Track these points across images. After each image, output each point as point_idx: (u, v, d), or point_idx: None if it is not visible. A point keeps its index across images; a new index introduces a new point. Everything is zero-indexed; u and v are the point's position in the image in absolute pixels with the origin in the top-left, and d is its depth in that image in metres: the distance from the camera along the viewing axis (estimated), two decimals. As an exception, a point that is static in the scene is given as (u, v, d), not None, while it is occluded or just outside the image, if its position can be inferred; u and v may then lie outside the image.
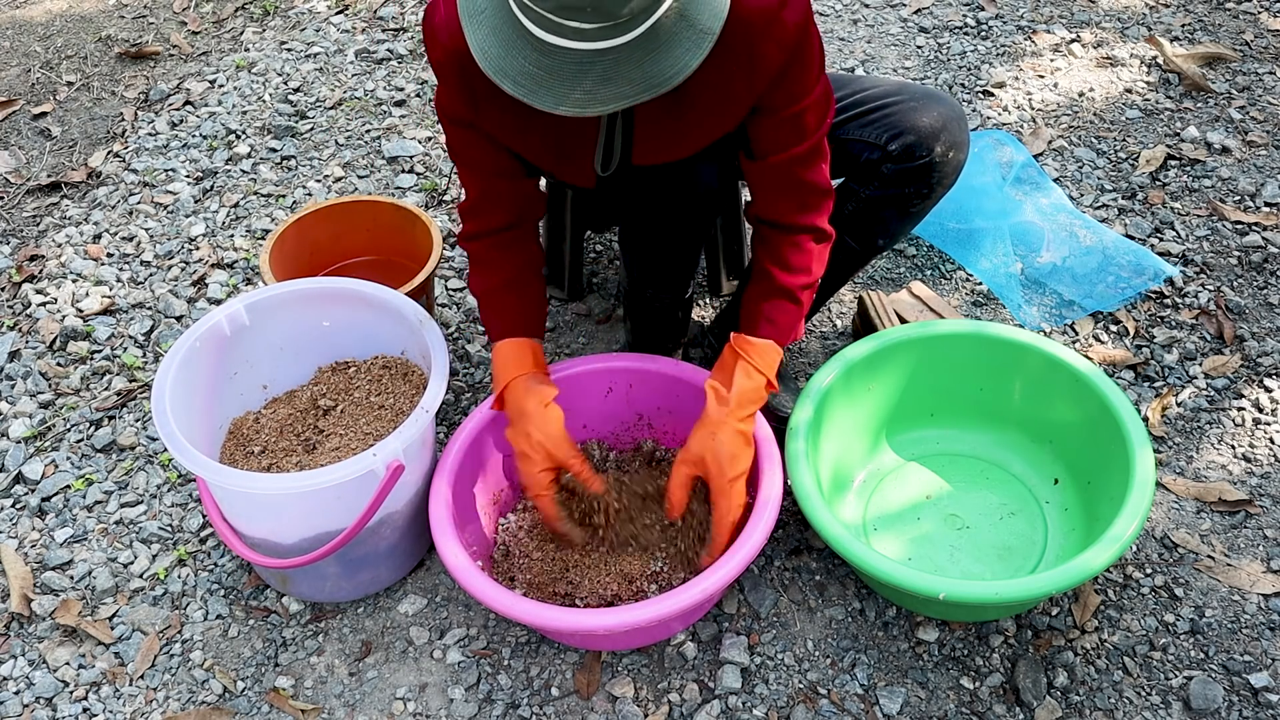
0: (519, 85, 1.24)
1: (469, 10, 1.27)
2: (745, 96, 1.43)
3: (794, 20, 1.37)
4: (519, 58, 1.23)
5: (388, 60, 2.94)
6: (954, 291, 2.22)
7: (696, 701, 1.61)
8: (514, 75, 1.24)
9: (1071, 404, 1.74)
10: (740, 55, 1.36)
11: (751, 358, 1.57)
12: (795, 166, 1.52)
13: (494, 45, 1.25)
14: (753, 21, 1.34)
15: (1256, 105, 2.60)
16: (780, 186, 1.55)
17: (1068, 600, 1.69)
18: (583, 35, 1.19)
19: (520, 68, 1.24)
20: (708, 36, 1.24)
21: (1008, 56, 2.82)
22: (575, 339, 2.17)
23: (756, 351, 1.57)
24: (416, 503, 1.70)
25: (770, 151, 1.51)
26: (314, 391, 1.90)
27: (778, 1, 1.35)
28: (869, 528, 1.78)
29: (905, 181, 1.69)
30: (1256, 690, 1.58)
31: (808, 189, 1.55)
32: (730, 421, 1.55)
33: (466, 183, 1.63)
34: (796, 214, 1.56)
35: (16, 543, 1.88)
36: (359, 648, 1.71)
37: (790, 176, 1.53)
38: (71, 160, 2.69)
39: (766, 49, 1.37)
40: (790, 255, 1.58)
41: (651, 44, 1.21)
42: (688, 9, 1.23)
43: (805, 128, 1.48)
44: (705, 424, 1.57)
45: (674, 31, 1.22)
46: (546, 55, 1.22)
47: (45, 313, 2.27)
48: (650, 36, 1.21)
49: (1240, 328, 2.10)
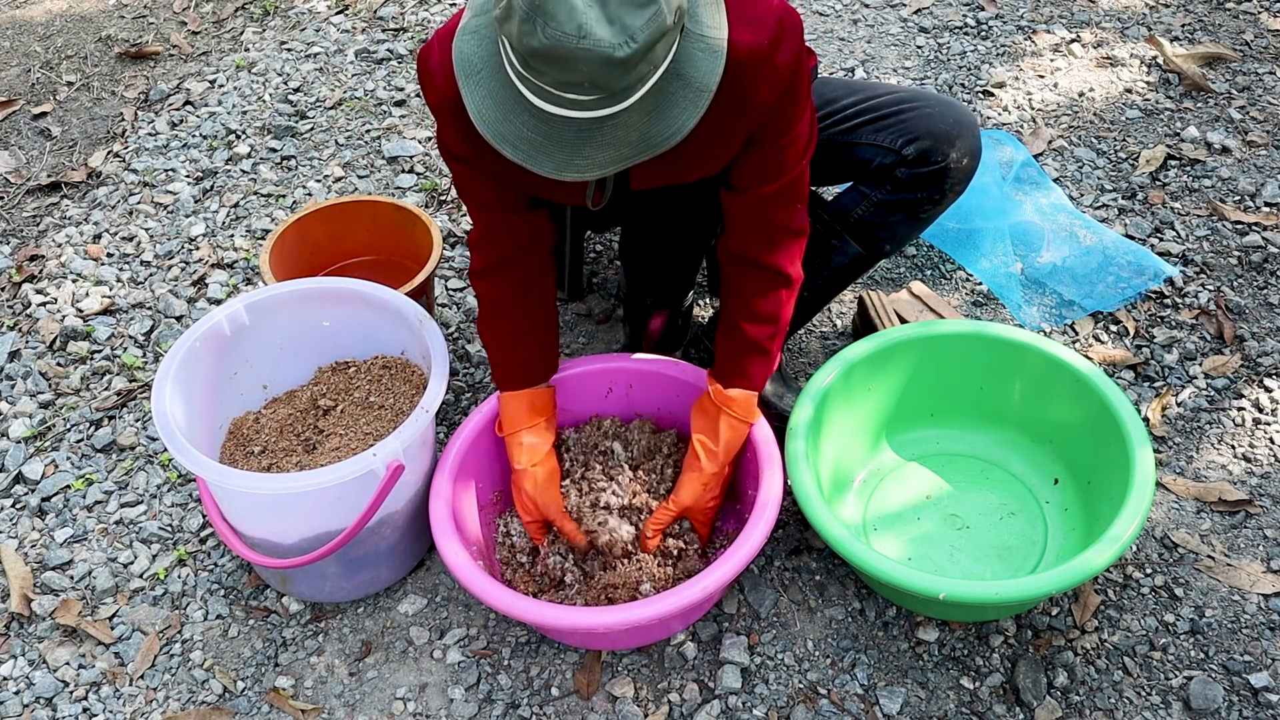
0: (518, 150, 1.24)
1: (465, 70, 1.26)
2: (738, 135, 1.43)
3: (785, 61, 1.37)
4: (517, 123, 1.23)
5: (388, 60, 2.94)
6: (954, 291, 2.22)
7: (696, 701, 1.61)
8: (513, 140, 1.24)
9: (1071, 404, 1.74)
10: (733, 97, 1.36)
11: (733, 410, 1.64)
12: (770, 203, 1.52)
13: (491, 110, 1.24)
14: (745, 64, 1.34)
15: (1256, 105, 2.60)
16: (753, 220, 1.55)
17: (1068, 600, 1.69)
18: (581, 106, 1.18)
19: (519, 133, 1.23)
20: (705, 94, 1.24)
21: (1008, 56, 2.82)
22: (575, 339, 2.17)
23: (734, 404, 1.64)
24: (416, 503, 1.70)
25: (749, 184, 1.51)
26: (314, 391, 1.90)
27: (769, 44, 1.34)
28: (869, 528, 1.78)
29: (918, 186, 1.70)
30: (1256, 690, 1.58)
31: (780, 228, 1.55)
32: (720, 474, 1.65)
33: (474, 216, 1.62)
34: (766, 252, 1.56)
35: (16, 543, 1.88)
36: (359, 648, 1.71)
37: (764, 212, 1.53)
38: (71, 160, 2.69)
39: (759, 90, 1.37)
40: (757, 304, 1.60)
41: (650, 106, 1.22)
42: (685, 68, 1.23)
43: (785, 163, 1.48)
44: (698, 477, 1.65)
45: (671, 92, 1.23)
46: (545, 123, 1.22)
47: (45, 313, 2.27)
48: (649, 99, 1.21)
49: (1240, 328, 2.10)
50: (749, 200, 1.52)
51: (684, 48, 1.24)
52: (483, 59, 1.25)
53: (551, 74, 1.15)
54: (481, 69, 1.25)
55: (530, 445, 1.67)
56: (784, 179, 1.50)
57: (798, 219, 1.56)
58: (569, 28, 1.11)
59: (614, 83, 1.15)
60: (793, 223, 1.55)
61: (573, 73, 1.14)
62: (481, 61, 1.25)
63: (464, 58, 1.27)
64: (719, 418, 1.64)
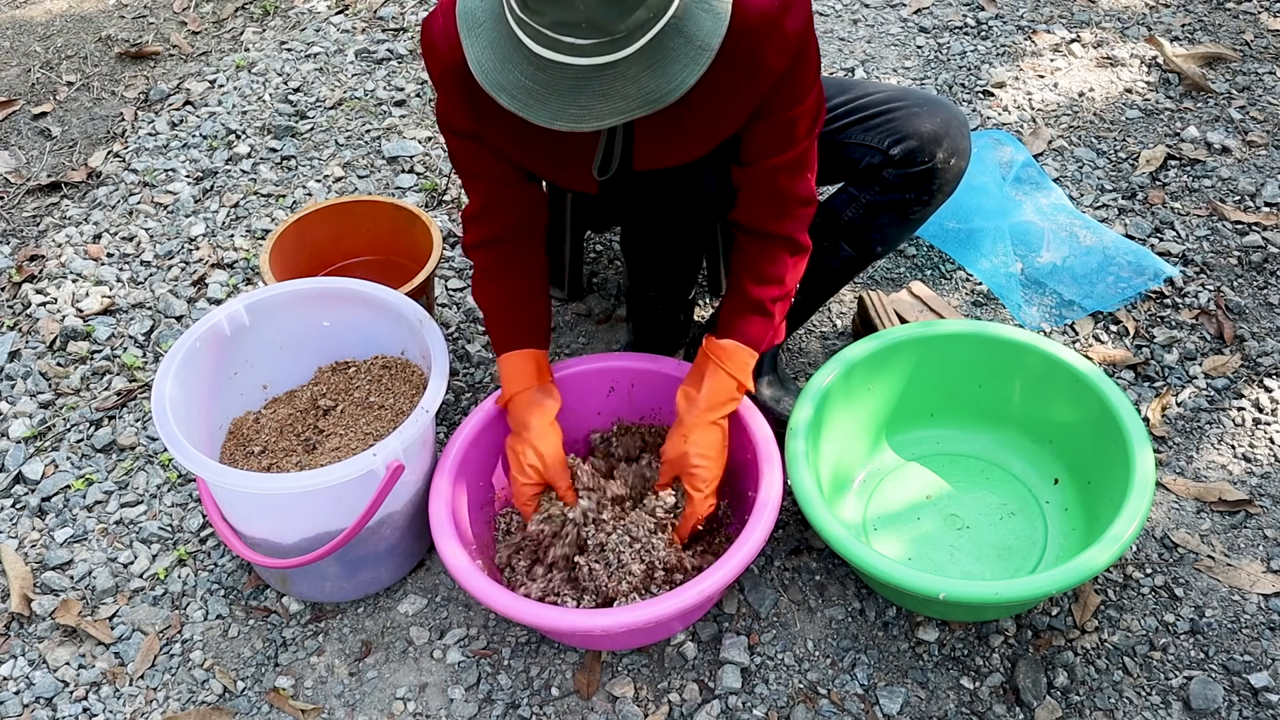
0: (515, 99, 1.24)
1: (468, 23, 1.27)
2: (747, 102, 1.43)
3: (795, 27, 1.37)
4: (515, 72, 1.23)
5: (388, 60, 2.94)
6: (954, 291, 2.22)
7: (696, 701, 1.61)
8: (510, 89, 1.24)
9: (1071, 404, 1.74)
10: (742, 62, 1.36)
11: (721, 361, 1.61)
12: (780, 173, 1.52)
13: (491, 59, 1.25)
14: (755, 29, 1.34)
15: (1256, 105, 2.60)
16: (763, 192, 1.55)
17: (1068, 600, 1.69)
18: (579, 51, 1.18)
19: (516, 82, 1.23)
20: (706, 53, 1.24)
21: (1008, 56, 2.82)
22: (575, 339, 2.17)
23: (725, 354, 1.61)
24: (416, 503, 1.70)
25: (758, 157, 1.51)
26: (314, 391, 1.90)
27: (780, 8, 1.35)
28: (869, 528, 1.78)
29: (906, 187, 1.69)
30: (1256, 690, 1.58)
31: (789, 197, 1.55)
32: (701, 422, 1.60)
33: (470, 191, 1.63)
34: (775, 221, 1.57)
35: (16, 543, 1.88)
36: (359, 648, 1.71)
37: (774, 183, 1.53)
38: (71, 160, 2.69)
39: (769, 56, 1.37)
40: (763, 266, 1.60)
41: (649, 60, 1.21)
42: (686, 25, 1.23)
43: (795, 134, 1.49)
44: (678, 427, 1.63)
45: (672, 48, 1.22)
46: (543, 70, 1.22)
47: (45, 313, 2.27)
48: (648, 52, 1.21)
49: (1240, 328, 2.10)
50: (759, 172, 1.53)
51: (687, 6, 1.23)
52: (485, 11, 1.26)
53: (550, 12, 1.15)
54: (484, 20, 1.26)
55: (540, 404, 1.64)
56: (794, 150, 1.50)
57: (807, 188, 1.56)
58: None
59: (611, 23, 1.15)
60: (802, 191, 1.55)
61: (570, 10, 1.14)
62: (484, 14, 1.26)
63: (467, 11, 1.28)
64: (705, 367, 1.62)
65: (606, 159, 1.54)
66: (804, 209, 1.58)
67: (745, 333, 1.62)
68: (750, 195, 1.57)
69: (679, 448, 1.62)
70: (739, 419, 1.70)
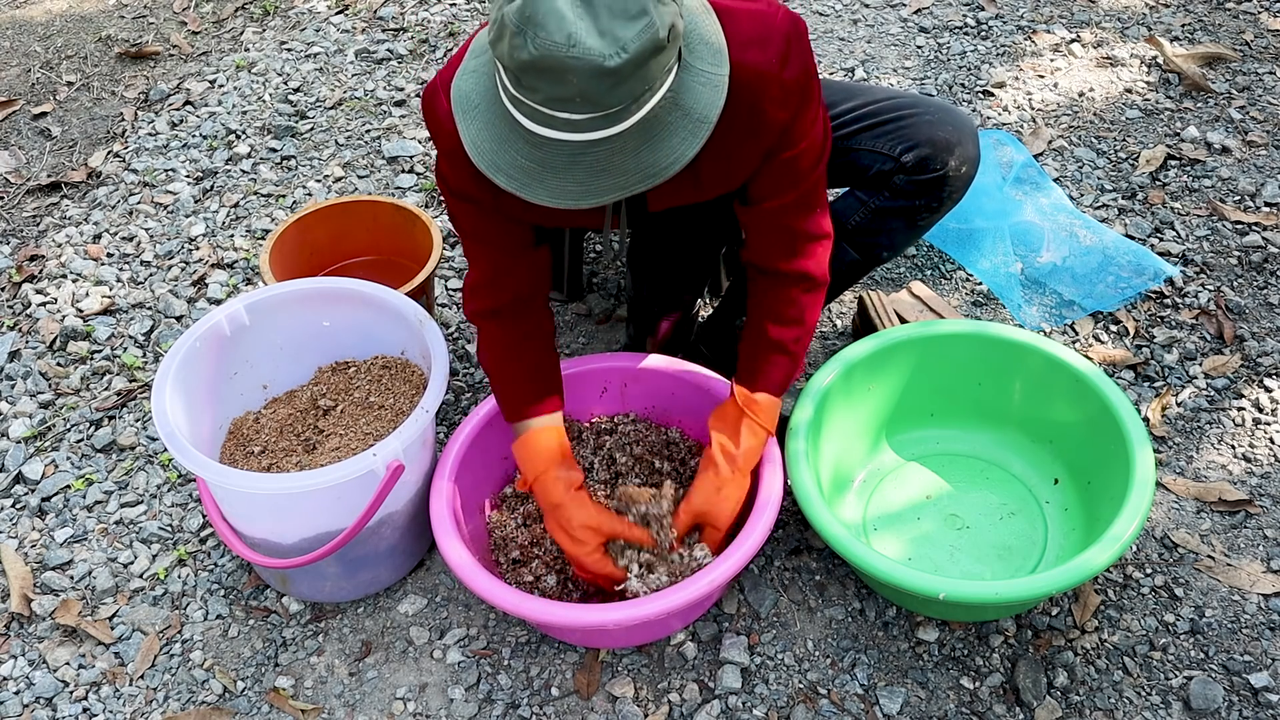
0: (512, 179, 1.23)
1: (463, 106, 1.26)
2: (753, 155, 1.42)
3: (794, 77, 1.35)
4: (512, 152, 1.22)
5: (388, 60, 2.94)
6: (954, 291, 2.23)
7: (696, 701, 1.61)
8: (507, 170, 1.22)
9: (1071, 404, 1.74)
10: (743, 118, 1.35)
11: (757, 416, 1.59)
12: (788, 214, 1.51)
13: (487, 140, 1.23)
14: (753, 86, 1.32)
15: (1256, 105, 2.60)
16: (773, 232, 1.53)
17: (1068, 600, 1.69)
18: (574, 126, 1.16)
19: (513, 162, 1.22)
20: (705, 125, 1.22)
21: (1008, 56, 2.82)
22: (575, 339, 2.17)
23: (761, 410, 1.59)
24: (416, 503, 1.70)
25: (764, 198, 1.49)
26: (314, 391, 1.90)
27: (778, 62, 1.33)
28: (869, 528, 1.78)
29: (917, 194, 1.69)
30: (1256, 690, 1.58)
31: (800, 235, 1.53)
32: (737, 479, 1.59)
33: (473, 256, 1.58)
34: (788, 260, 1.54)
35: (16, 543, 1.88)
36: (359, 648, 1.71)
37: (782, 223, 1.52)
38: (71, 160, 2.69)
39: (770, 111, 1.36)
40: (781, 308, 1.58)
41: (646, 134, 1.20)
42: (683, 99, 1.22)
43: (799, 171, 1.46)
44: (713, 480, 1.59)
45: (669, 121, 1.21)
46: (539, 148, 1.20)
47: (45, 313, 2.27)
48: (644, 127, 1.19)
49: (1240, 328, 2.10)
50: (766, 212, 1.51)
51: (683, 80, 1.22)
52: (480, 94, 1.25)
53: (543, 89, 1.13)
54: (479, 103, 1.24)
55: (563, 479, 1.58)
56: (800, 188, 1.48)
57: (818, 224, 1.54)
58: (558, 37, 1.10)
59: (605, 97, 1.13)
60: (814, 229, 1.53)
61: (563, 85, 1.12)
62: (479, 96, 1.24)
63: (462, 95, 1.26)
64: (741, 422, 1.59)
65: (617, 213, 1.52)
66: (817, 245, 1.55)
67: (772, 380, 1.60)
68: (758, 235, 1.55)
69: (712, 500, 1.58)
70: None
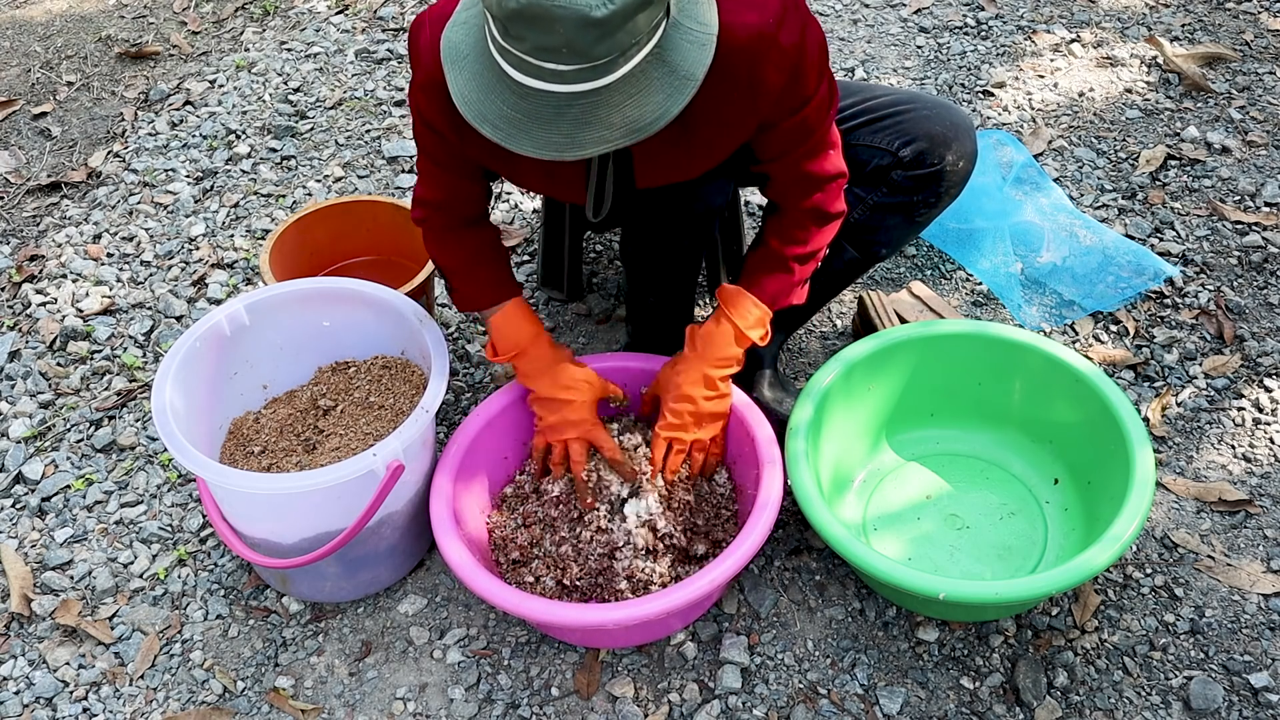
0: (497, 129, 1.24)
1: (451, 56, 1.28)
2: (749, 119, 1.43)
3: (790, 41, 1.36)
4: (498, 102, 1.24)
5: (388, 60, 2.94)
6: (954, 291, 2.23)
7: (696, 701, 1.61)
8: (493, 120, 1.24)
9: (1071, 404, 1.74)
10: (740, 81, 1.36)
11: (729, 310, 1.62)
12: (802, 161, 1.53)
13: (474, 90, 1.25)
14: (750, 48, 1.33)
15: (1256, 105, 2.60)
16: (789, 180, 1.56)
17: (1068, 600, 1.69)
18: (560, 78, 1.18)
19: (499, 112, 1.24)
20: (690, 83, 1.24)
21: (1008, 56, 2.82)
22: (575, 339, 2.17)
23: (734, 304, 1.62)
24: (416, 502, 1.70)
25: (777, 155, 1.52)
26: (314, 391, 1.90)
27: (774, 24, 1.34)
28: (869, 528, 1.78)
29: (914, 189, 1.70)
30: (1256, 690, 1.58)
31: (815, 179, 1.56)
32: (697, 363, 1.63)
33: (426, 175, 1.61)
34: (806, 199, 1.58)
35: (16, 543, 1.88)
36: (359, 648, 1.71)
37: (798, 170, 1.54)
38: (71, 160, 2.69)
39: (766, 73, 1.37)
40: (791, 228, 1.61)
41: (631, 88, 1.21)
42: (669, 55, 1.23)
43: (808, 128, 1.49)
44: (675, 361, 1.67)
45: (655, 77, 1.22)
46: (524, 98, 1.22)
47: (45, 313, 2.27)
48: (629, 81, 1.21)
49: (1240, 328, 2.10)
50: (782, 166, 1.54)
51: (671, 36, 1.24)
52: (469, 45, 1.27)
53: (530, 38, 1.15)
54: (467, 53, 1.26)
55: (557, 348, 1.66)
56: (809, 141, 1.50)
57: (833, 164, 1.56)
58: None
59: (592, 48, 1.15)
60: (829, 169, 1.56)
61: (550, 34, 1.14)
62: (468, 47, 1.27)
63: (452, 45, 1.28)
64: (715, 315, 1.64)
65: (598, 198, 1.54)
66: (834, 183, 1.58)
67: (761, 284, 1.62)
68: (777, 184, 1.58)
69: (664, 374, 1.67)
70: (739, 418, 1.70)
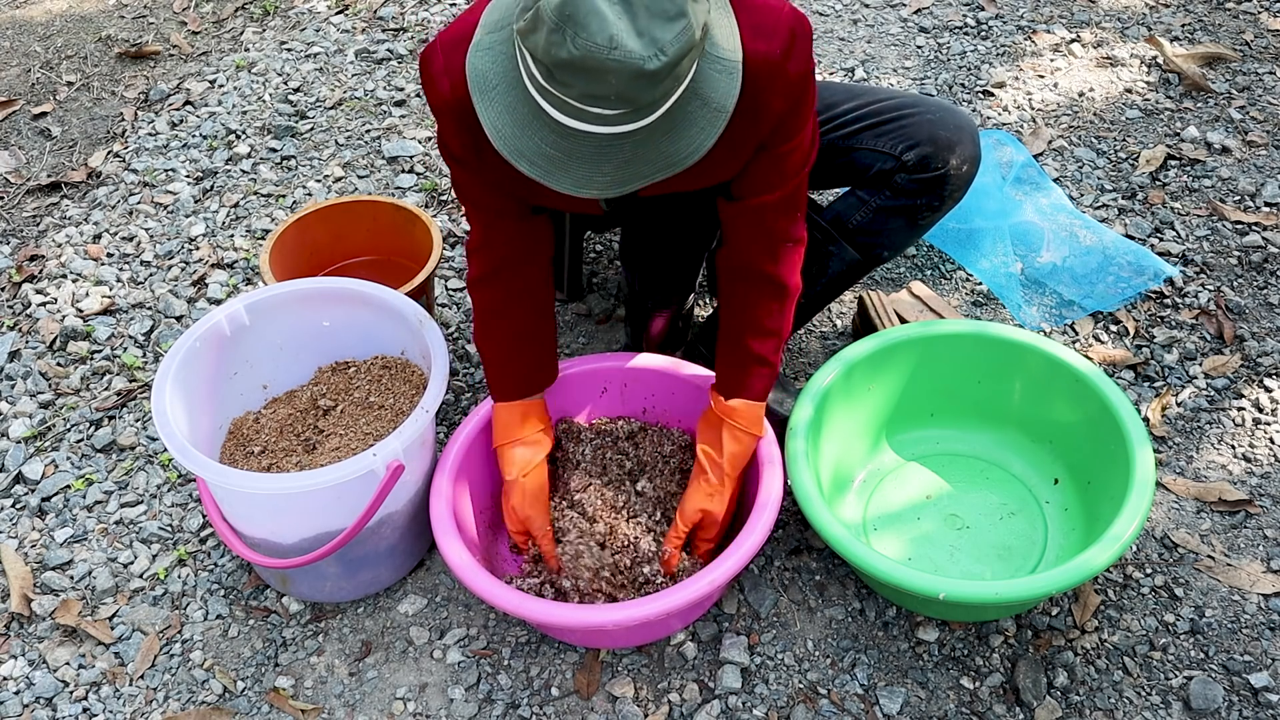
0: (535, 166, 1.23)
1: (480, 86, 1.25)
2: (750, 143, 1.43)
3: (797, 70, 1.36)
4: (535, 139, 1.22)
5: (388, 60, 2.94)
6: (954, 291, 2.23)
7: (696, 701, 1.61)
8: (530, 156, 1.23)
9: (1071, 404, 1.74)
10: (746, 108, 1.35)
11: (737, 422, 1.62)
12: (770, 213, 1.52)
13: (508, 125, 1.23)
14: (758, 75, 1.33)
15: (1256, 105, 2.60)
16: (755, 231, 1.54)
17: (1068, 600, 1.69)
18: (604, 120, 1.17)
19: (537, 149, 1.22)
20: (722, 114, 1.24)
21: (1008, 56, 2.82)
22: (575, 339, 2.17)
23: (741, 416, 1.62)
24: (417, 502, 1.70)
25: (750, 193, 1.50)
26: (314, 391, 1.90)
27: (781, 53, 1.34)
28: (869, 528, 1.78)
29: (918, 192, 1.70)
30: (1256, 690, 1.58)
31: (780, 237, 1.54)
32: (726, 485, 1.62)
33: (472, 220, 1.60)
34: (768, 262, 1.55)
35: (16, 543, 1.88)
36: (359, 648, 1.71)
37: (765, 223, 1.53)
38: (71, 160, 2.69)
39: (771, 100, 1.37)
40: (761, 319, 1.59)
41: (669, 125, 1.21)
42: (703, 88, 1.23)
43: (788, 169, 1.48)
44: (704, 486, 1.63)
45: (690, 111, 1.22)
46: (565, 138, 1.20)
47: (45, 313, 2.27)
48: (667, 118, 1.21)
49: (1240, 328, 2.10)
50: (750, 209, 1.51)
51: (703, 69, 1.23)
52: (498, 74, 1.24)
53: (579, 86, 1.13)
54: (497, 84, 1.24)
55: (521, 457, 1.65)
56: (785, 188, 1.49)
57: (797, 228, 1.56)
58: (600, 39, 1.10)
59: (641, 96, 1.14)
60: (793, 232, 1.55)
61: (601, 85, 1.12)
62: (497, 77, 1.24)
63: (478, 74, 1.25)
64: (722, 430, 1.63)
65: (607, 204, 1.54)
66: (794, 249, 1.57)
67: (752, 389, 1.62)
68: (742, 234, 1.56)
69: (704, 505, 1.62)
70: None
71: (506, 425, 1.67)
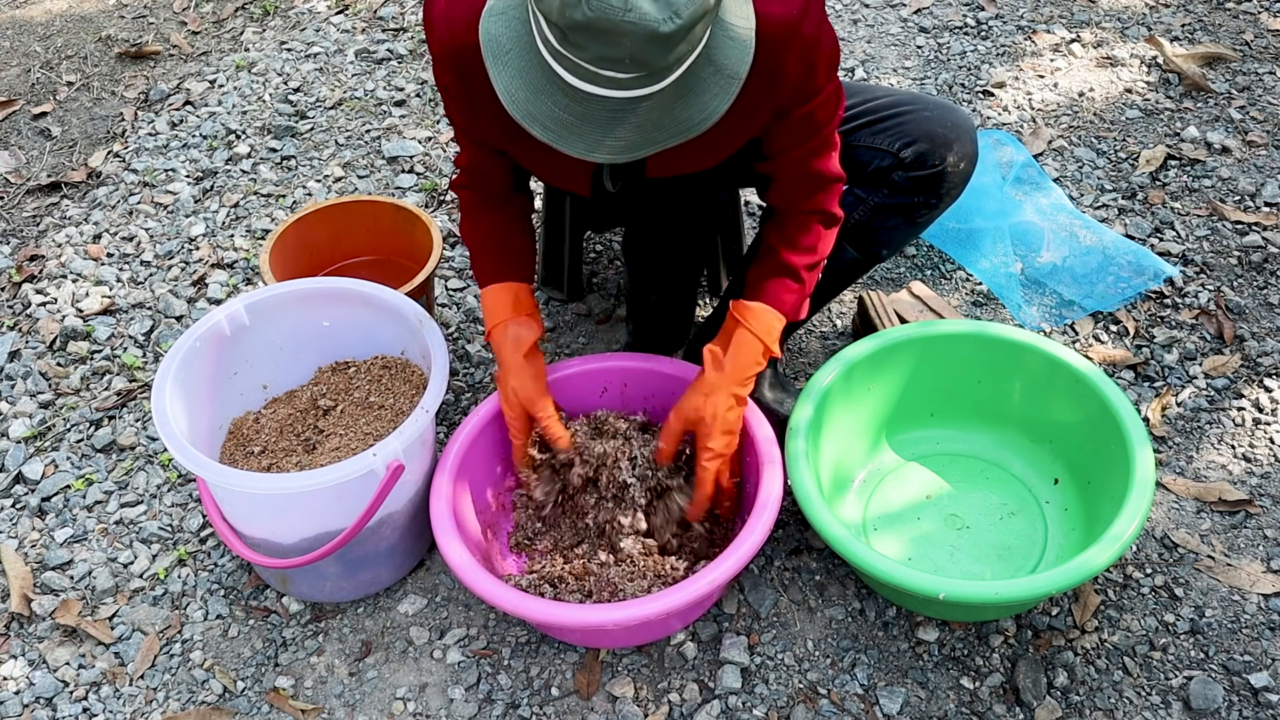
0: (548, 130, 1.23)
1: (493, 50, 1.25)
2: (767, 107, 1.43)
3: (811, 31, 1.37)
4: (549, 103, 1.22)
5: (388, 60, 2.94)
6: (954, 291, 2.23)
7: (696, 701, 1.61)
8: (543, 120, 1.23)
9: (1071, 404, 1.74)
10: (763, 70, 1.36)
11: (749, 323, 1.58)
12: (807, 159, 1.54)
13: (522, 89, 1.23)
14: (774, 37, 1.34)
15: (1256, 105, 2.60)
16: (793, 179, 1.57)
17: (1068, 600, 1.69)
18: (618, 84, 1.18)
19: (550, 113, 1.23)
20: (735, 81, 1.24)
21: (1008, 56, 2.82)
22: (575, 339, 2.17)
23: (754, 317, 1.59)
24: (416, 502, 1.70)
25: (784, 150, 1.52)
26: (314, 391, 1.90)
27: (797, 14, 1.35)
28: (869, 528, 1.78)
29: (915, 190, 1.70)
30: (1256, 690, 1.58)
31: (819, 178, 1.56)
32: (726, 385, 1.58)
33: (460, 143, 1.63)
34: (808, 201, 1.58)
35: (16, 543, 1.88)
36: (359, 648, 1.71)
37: (803, 169, 1.55)
38: (71, 160, 2.69)
39: (787, 62, 1.37)
40: (797, 235, 1.60)
41: (682, 90, 1.22)
42: (715, 54, 1.23)
43: (816, 124, 1.49)
44: (701, 386, 1.59)
45: (703, 77, 1.23)
46: (579, 102, 1.21)
47: (45, 313, 2.27)
48: (681, 83, 1.21)
49: (1240, 328, 2.10)
50: (787, 162, 1.54)
51: (716, 35, 1.24)
52: (511, 39, 1.24)
53: (593, 48, 1.14)
54: (510, 49, 1.24)
55: (516, 334, 1.63)
56: (817, 138, 1.51)
57: (834, 167, 1.56)
58: (615, 1, 1.11)
59: (655, 60, 1.15)
60: (831, 170, 1.56)
61: (615, 47, 1.13)
62: (510, 41, 1.24)
63: (491, 38, 1.26)
64: (734, 331, 1.59)
65: (617, 169, 1.54)
66: (835, 185, 1.58)
67: (777, 297, 1.59)
68: (780, 182, 1.58)
69: (699, 403, 1.58)
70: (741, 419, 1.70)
71: (499, 306, 1.65)
